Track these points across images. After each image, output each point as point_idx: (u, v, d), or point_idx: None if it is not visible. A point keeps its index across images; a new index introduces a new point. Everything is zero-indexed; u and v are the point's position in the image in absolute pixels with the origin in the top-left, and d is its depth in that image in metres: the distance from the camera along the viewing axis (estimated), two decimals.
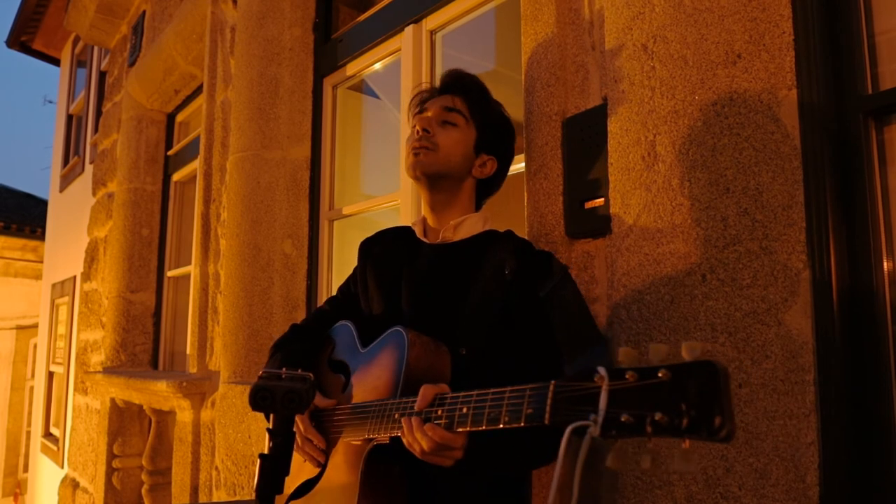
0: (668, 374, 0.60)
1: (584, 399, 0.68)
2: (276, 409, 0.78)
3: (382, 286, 1.32)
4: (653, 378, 0.61)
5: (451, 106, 1.28)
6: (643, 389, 0.62)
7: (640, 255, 1.12)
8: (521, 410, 0.78)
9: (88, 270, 4.74)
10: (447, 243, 1.29)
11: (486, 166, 1.31)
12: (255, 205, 2.50)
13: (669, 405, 0.59)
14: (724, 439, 0.57)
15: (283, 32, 2.60)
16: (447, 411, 0.90)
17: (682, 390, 0.59)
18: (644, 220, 1.12)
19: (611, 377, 0.65)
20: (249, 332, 2.43)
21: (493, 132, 1.32)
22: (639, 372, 0.63)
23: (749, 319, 1.03)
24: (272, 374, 0.82)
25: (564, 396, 0.72)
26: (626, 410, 0.63)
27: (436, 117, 1.28)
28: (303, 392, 0.77)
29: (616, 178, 1.18)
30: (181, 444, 2.79)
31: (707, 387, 0.58)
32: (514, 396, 0.80)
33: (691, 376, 0.59)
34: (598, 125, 1.25)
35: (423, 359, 1.06)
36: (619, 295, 1.15)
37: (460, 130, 1.28)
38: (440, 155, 1.25)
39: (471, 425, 0.86)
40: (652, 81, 1.15)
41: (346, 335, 1.31)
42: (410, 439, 0.94)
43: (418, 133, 1.26)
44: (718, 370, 0.58)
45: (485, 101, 1.33)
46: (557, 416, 0.72)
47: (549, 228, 1.33)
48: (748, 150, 1.06)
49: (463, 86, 1.32)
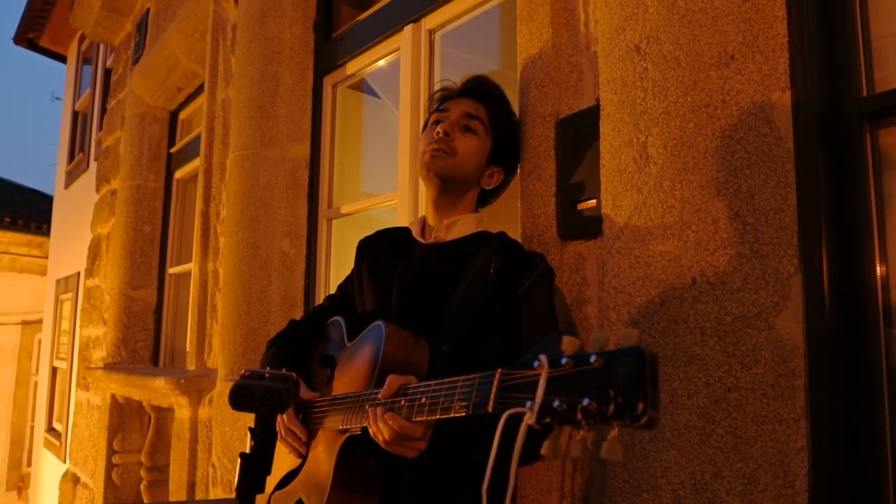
0: (601, 360, 0.60)
1: (525, 387, 0.69)
2: (257, 409, 0.77)
3: (376, 284, 1.34)
4: (587, 365, 0.61)
5: (475, 113, 1.29)
6: (578, 377, 0.62)
7: (631, 256, 1.11)
8: (470, 399, 0.78)
9: (91, 267, 4.76)
10: (440, 243, 1.29)
11: (493, 178, 1.34)
12: (255, 203, 2.50)
13: (599, 391, 0.59)
14: (647, 426, 0.56)
15: (283, 31, 2.60)
16: (409, 401, 0.91)
17: (611, 377, 0.59)
18: (635, 221, 1.11)
19: (550, 364, 0.65)
20: (247, 330, 2.43)
21: (507, 145, 1.34)
22: (575, 359, 0.63)
23: (739, 323, 1.02)
24: (255, 373, 0.82)
25: (508, 384, 0.72)
26: (560, 397, 0.63)
27: (457, 121, 1.29)
28: (283, 392, 0.77)
29: (608, 180, 1.17)
30: (179, 441, 2.80)
31: (633, 372, 0.57)
32: (466, 385, 0.81)
33: (620, 363, 0.59)
34: (591, 126, 1.24)
35: (399, 352, 1.06)
36: (609, 297, 1.14)
37: (479, 140, 1.29)
38: (456, 161, 1.26)
39: (427, 414, 0.86)
40: (644, 83, 1.14)
41: (337, 331, 1.33)
42: (374, 429, 0.95)
43: (438, 134, 1.27)
44: (645, 356, 0.57)
45: (506, 112, 1.34)
46: (501, 404, 0.72)
47: (542, 229, 1.32)
48: (740, 153, 1.05)
49: (488, 94, 1.33)
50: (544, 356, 0.65)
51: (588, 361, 0.60)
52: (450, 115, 1.29)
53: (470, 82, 1.35)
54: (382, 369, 1.03)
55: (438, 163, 1.26)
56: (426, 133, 1.32)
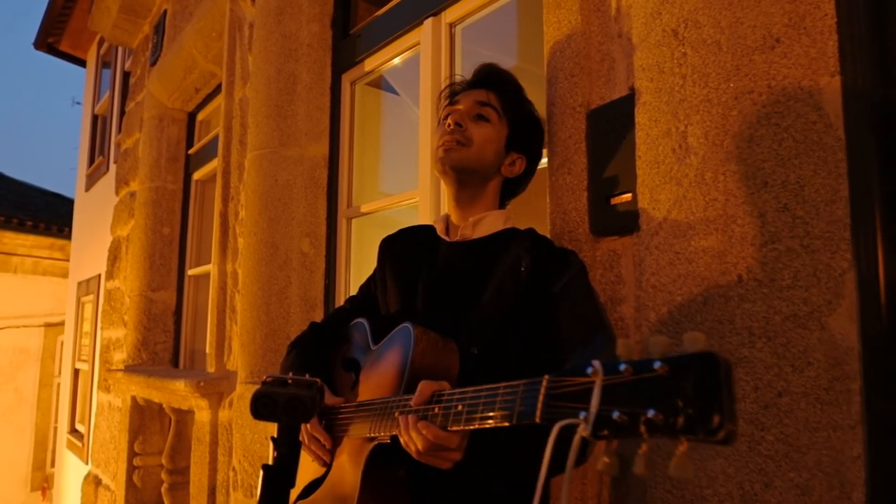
0: (666, 367, 0.54)
1: (576, 395, 0.63)
2: (279, 418, 0.72)
3: (400, 284, 1.29)
4: (649, 372, 0.55)
5: (485, 100, 1.24)
6: (639, 385, 0.56)
7: (671, 253, 1.05)
8: (514, 408, 0.72)
9: (111, 269, 4.77)
10: (466, 241, 1.24)
11: (515, 165, 1.27)
12: (273, 203, 2.47)
13: (665, 402, 0.54)
14: (723, 441, 0.50)
15: (300, 28, 2.57)
16: (443, 409, 0.85)
17: (679, 386, 0.53)
18: (675, 216, 1.05)
19: (605, 371, 0.59)
20: (267, 332, 2.40)
21: (524, 130, 1.28)
22: (635, 365, 0.57)
23: (789, 323, 0.96)
24: (277, 379, 0.77)
25: (557, 392, 0.66)
26: (619, 407, 0.57)
27: (468, 111, 1.24)
28: (307, 400, 0.72)
29: (644, 172, 1.11)
30: (199, 443, 2.77)
31: (706, 381, 0.52)
32: (508, 393, 0.75)
33: (689, 370, 0.53)
34: (624, 116, 1.18)
35: (428, 355, 1.01)
36: (647, 296, 1.08)
37: (493, 127, 1.24)
38: (472, 150, 1.21)
39: (464, 423, 0.80)
40: (683, 69, 1.08)
41: (361, 333, 1.28)
42: (406, 438, 0.89)
43: (450, 126, 1.21)
44: (719, 363, 0.51)
45: (518, 97, 1.29)
46: (549, 413, 0.66)
47: (573, 226, 1.26)
48: (788, 142, 0.99)
49: (497, 81, 1.28)
50: (598, 362, 0.59)
51: (651, 368, 0.54)
52: (460, 107, 1.24)
53: (478, 73, 1.30)
54: (411, 374, 0.98)
55: (453, 155, 1.20)
56: (437, 129, 1.27)
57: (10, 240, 9.90)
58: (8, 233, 9.81)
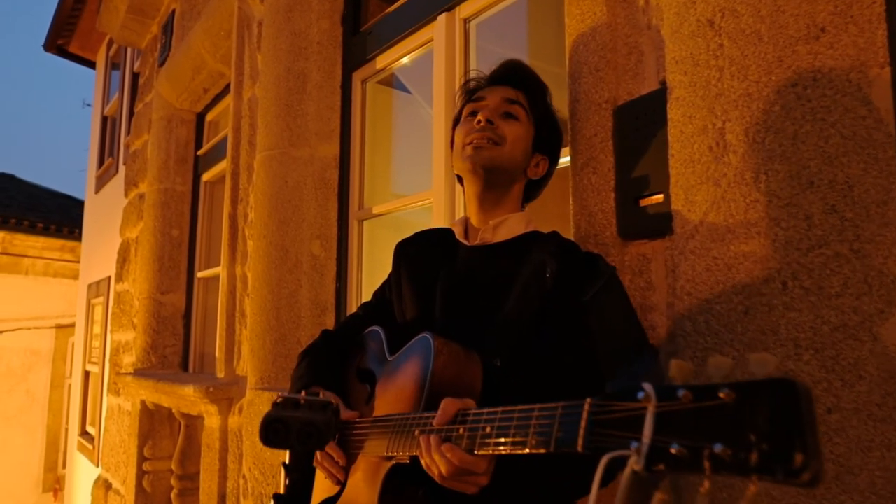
0: (732, 394, 0.47)
1: (625, 422, 0.56)
2: (291, 445, 0.66)
3: (416, 290, 1.23)
4: (712, 399, 0.49)
5: (514, 98, 1.18)
6: (700, 413, 0.50)
7: (708, 258, 0.98)
8: (551, 433, 0.65)
9: (120, 271, 4.74)
10: (486, 245, 1.18)
11: (539, 167, 1.22)
12: (283, 204, 2.41)
13: (734, 435, 0.47)
14: (808, 484, 0.43)
15: (310, 26, 2.51)
16: (469, 430, 0.78)
17: (750, 416, 0.46)
18: (713, 218, 0.98)
19: (659, 397, 0.53)
20: (277, 337, 2.34)
21: (549, 131, 1.22)
22: (694, 391, 0.50)
23: (839, 334, 0.89)
24: (289, 400, 0.70)
25: (602, 419, 0.59)
26: (677, 439, 0.50)
27: (496, 108, 1.17)
28: (321, 425, 0.66)
29: (678, 172, 1.04)
30: (209, 450, 2.72)
31: (784, 413, 0.45)
32: (544, 416, 0.67)
33: (762, 399, 0.46)
34: (655, 112, 1.12)
35: (450, 368, 0.95)
36: (682, 304, 1.01)
37: (522, 125, 1.18)
38: (505, 149, 1.15)
39: (493, 448, 0.74)
40: (720, 61, 1.01)
41: (376, 342, 1.21)
42: (428, 460, 0.82)
43: (480, 123, 1.15)
44: (799, 391, 0.45)
45: (544, 97, 1.23)
46: (593, 442, 0.60)
47: (599, 228, 1.20)
48: (835, 138, 0.92)
49: (524, 79, 1.22)
50: (650, 385, 0.52)
51: (714, 395, 0.47)
52: (487, 103, 1.18)
53: (503, 69, 1.24)
54: (432, 388, 0.92)
55: (485, 154, 1.14)
56: (463, 126, 1.20)
57: (22, 241, 9.93)
58: (19, 235, 9.83)
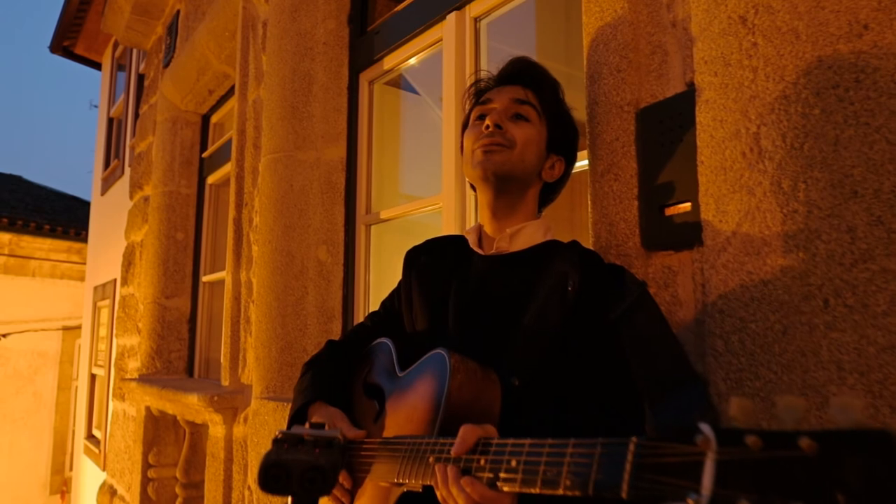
0: (814, 445, 0.41)
1: (679, 469, 0.49)
2: (293, 492, 0.60)
3: (427, 301, 1.16)
4: (789, 449, 0.42)
5: (524, 98, 1.11)
6: (773, 465, 0.43)
7: (742, 272, 0.92)
8: (588, 475, 0.58)
9: (125, 275, 4.70)
10: (502, 254, 1.11)
11: (555, 168, 1.16)
12: (288, 209, 2.35)
13: (817, 494, 0.40)
14: None
15: (316, 26, 2.45)
16: (491, 462, 0.71)
17: (836, 473, 0.40)
18: (747, 229, 0.91)
19: (720, 441, 0.46)
20: (283, 345, 2.28)
21: (563, 130, 1.16)
22: (765, 438, 0.44)
23: (886, 355, 0.82)
24: (290, 437, 0.64)
25: (650, 462, 0.52)
26: (745, 495, 0.43)
27: (505, 110, 1.11)
28: (327, 469, 0.60)
29: (708, 179, 0.98)
30: (213, 459, 2.67)
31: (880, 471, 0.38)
32: (580, 455, 0.60)
33: (853, 452, 0.40)
34: (681, 116, 1.05)
35: (467, 389, 0.88)
36: (714, 322, 0.95)
37: (534, 126, 1.11)
38: (515, 154, 1.08)
39: (520, 485, 0.67)
40: (753, 61, 0.94)
41: (385, 355, 1.15)
42: (444, 493, 0.76)
43: (488, 128, 1.09)
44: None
45: (556, 94, 1.16)
46: (640, 489, 0.52)
47: (621, 238, 1.13)
48: (880, 144, 0.85)
49: (534, 77, 1.15)
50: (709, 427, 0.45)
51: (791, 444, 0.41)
52: (495, 106, 1.12)
53: (511, 67, 1.17)
54: (447, 410, 0.85)
55: (495, 158, 1.08)
56: (471, 131, 1.14)
57: (28, 243, 9.93)
58: (26, 237, 9.83)
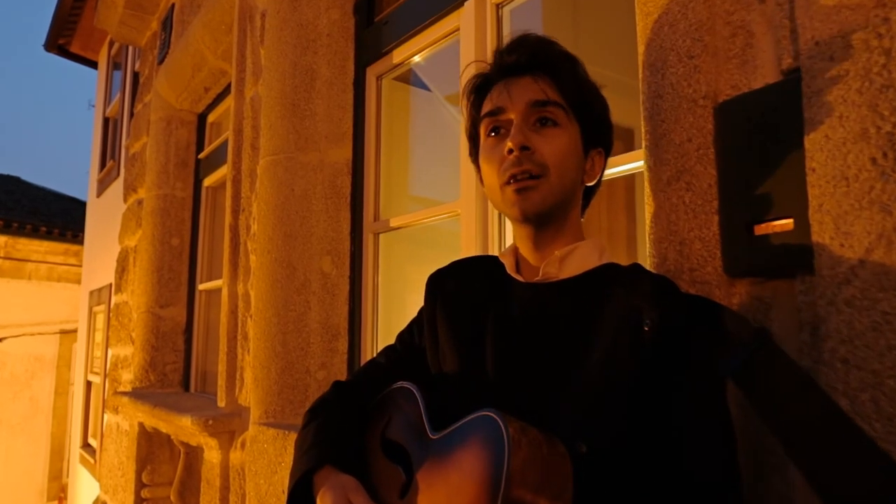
0: None
1: None
2: None
3: (458, 338, 0.95)
4: None
5: (543, 98, 0.87)
6: None
7: (875, 313, 0.71)
8: None
9: (119, 281, 4.50)
10: (550, 282, 0.90)
11: (595, 166, 0.95)
12: (289, 216, 2.15)
13: None
14: None
15: (319, 16, 2.25)
16: None
17: None
18: (880, 257, 0.71)
19: None
20: (283, 365, 2.08)
21: (598, 119, 0.94)
22: None
23: None
24: None
25: None
26: None
27: (525, 119, 0.88)
28: None
29: (823, 192, 0.77)
30: (209, 486, 2.47)
31: None
32: None
33: None
34: (779, 111, 0.84)
35: (532, 469, 0.67)
36: (837, 375, 0.74)
37: (564, 130, 0.88)
38: (553, 180, 0.86)
39: None
40: (884, 41, 0.73)
41: (409, 406, 0.93)
42: None
43: (512, 153, 0.85)
44: None
45: (577, 75, 0.92)
46: None
47: (697, 262, 0.92)
48: None
49: (548, 60, 0.90)
50: None
51: None
52: (511, 117, 0.88)
53: (515, 53, 0.91)
54: (508, 497, 0.65)
55: (533, 198, 0.86)
56: (489, 154, 0.90)
57: (24, 246, 9.74)
58: (22, 239, 9.65)
